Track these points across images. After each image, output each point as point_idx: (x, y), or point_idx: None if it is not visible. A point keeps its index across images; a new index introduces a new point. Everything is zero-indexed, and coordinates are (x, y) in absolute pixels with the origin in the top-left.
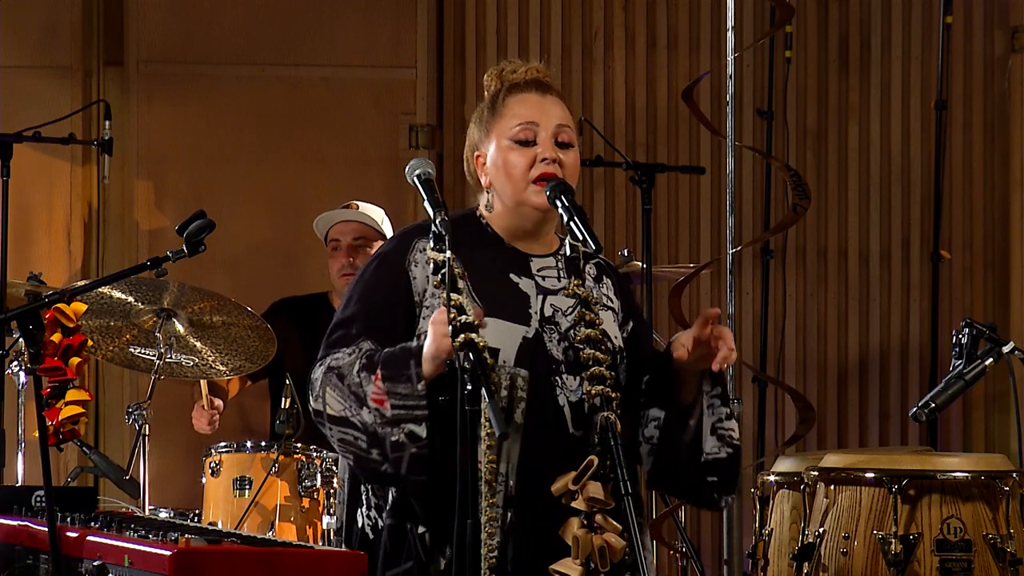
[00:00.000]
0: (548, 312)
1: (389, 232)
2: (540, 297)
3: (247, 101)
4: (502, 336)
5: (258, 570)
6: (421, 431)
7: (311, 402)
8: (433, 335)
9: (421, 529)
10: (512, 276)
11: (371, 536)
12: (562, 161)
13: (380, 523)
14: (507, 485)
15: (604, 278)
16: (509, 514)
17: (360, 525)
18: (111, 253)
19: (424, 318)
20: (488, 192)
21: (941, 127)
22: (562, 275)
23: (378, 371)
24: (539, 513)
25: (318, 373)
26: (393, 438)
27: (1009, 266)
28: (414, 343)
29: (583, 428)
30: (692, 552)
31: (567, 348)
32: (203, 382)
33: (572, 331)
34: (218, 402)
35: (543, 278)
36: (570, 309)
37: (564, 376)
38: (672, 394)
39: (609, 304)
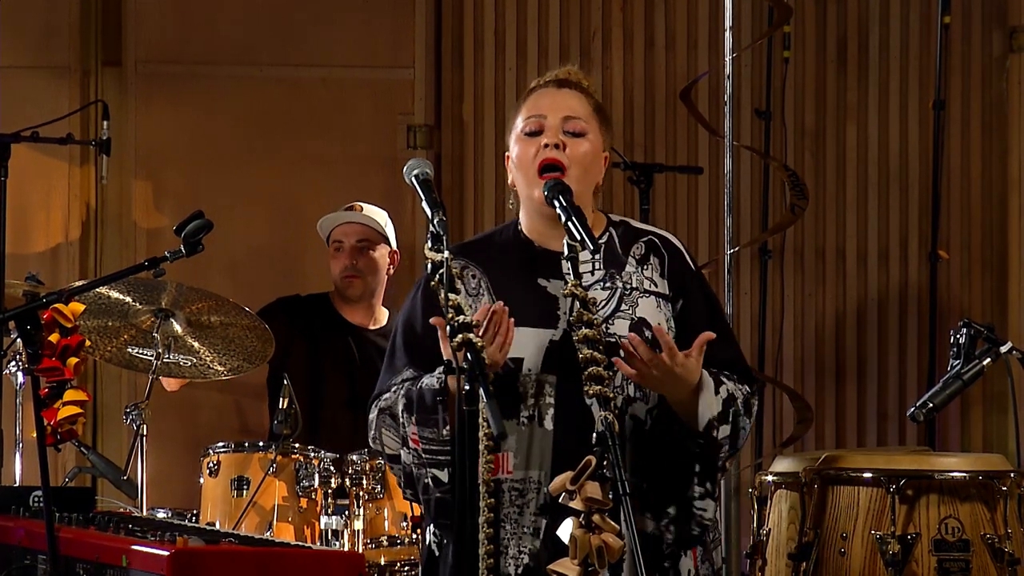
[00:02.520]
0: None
1: (392, 235)
2: (570, 297)
3: (245, 101)
4: (527, 343)
5: (256, 570)
6: (443, 476)
7: (371, 441)
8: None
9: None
10: (540, 281)
11: (436, 553)
12: (566, 145)
13: (445, 539)
14: (540, 492)
15: (651, 258)
16: (544, 521)
17: (427, 542)
18: (109, 253)
19: None
20: (512, 193)
21: (939, 127)
22: (597, 266)
23: (413, 415)
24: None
25: (373, 414)
26: (425, 480)
27: (1007, 266)
28: (436, 383)
29: None
30: None
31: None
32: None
33: (605, 324)
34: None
35: (572, 275)
36: (605, 302)
37: None
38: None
39: (651, 288)
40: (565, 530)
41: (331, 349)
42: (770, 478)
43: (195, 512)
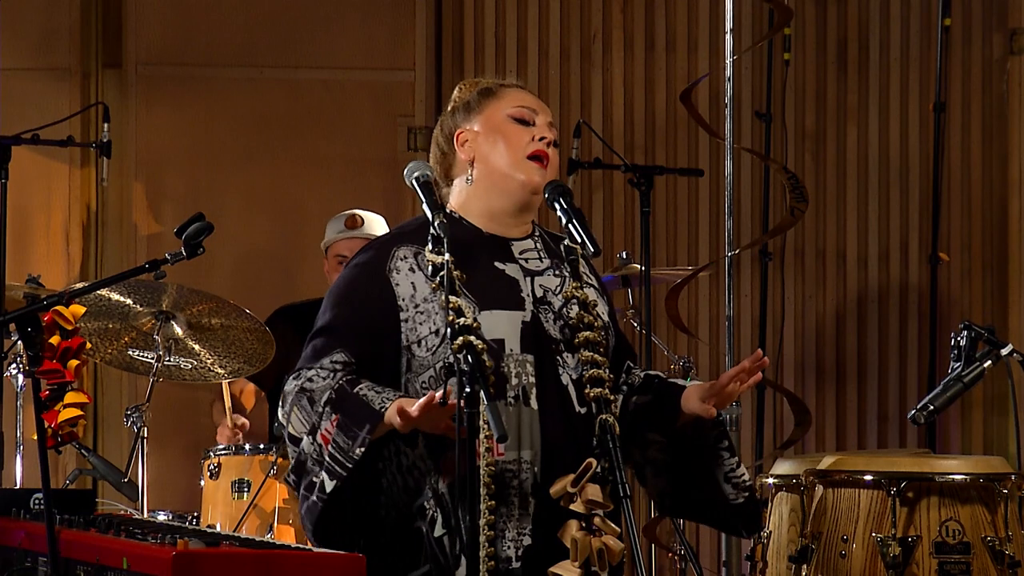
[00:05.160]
0: (539, 293)
1: None
2: (528, 279)
3: (245, 103)
4: (503, 325)
5: (257, 572)
6: (329, 486)
7: (279, 411)
8: (424, 419)
9: (439, 532)
10: (497, 264)
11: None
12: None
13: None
14: (532, 472)
15: (580, 257)
16: (535, 501)
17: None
18: (110, 255)
19: (404, 321)
20: (470, 167)
21: (939, 129)
22: (543, 255)
23: (337, 415)
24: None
25: (291, 387)
26: (313, 477)
27: (1007, 268)
28: (379, 406)
29: (587, 405)
30: (691, 554)
31: (563, 327)
32: (227, 401)
33: (565, 309)
34: (242, 420)
35: (526, 260)
36: (558, 288)
37: (564, 355)
38: (672, 424)
39: (589, 281)
40: (567, 532)
41: None
42: (770, 480)
43: (196, 514)
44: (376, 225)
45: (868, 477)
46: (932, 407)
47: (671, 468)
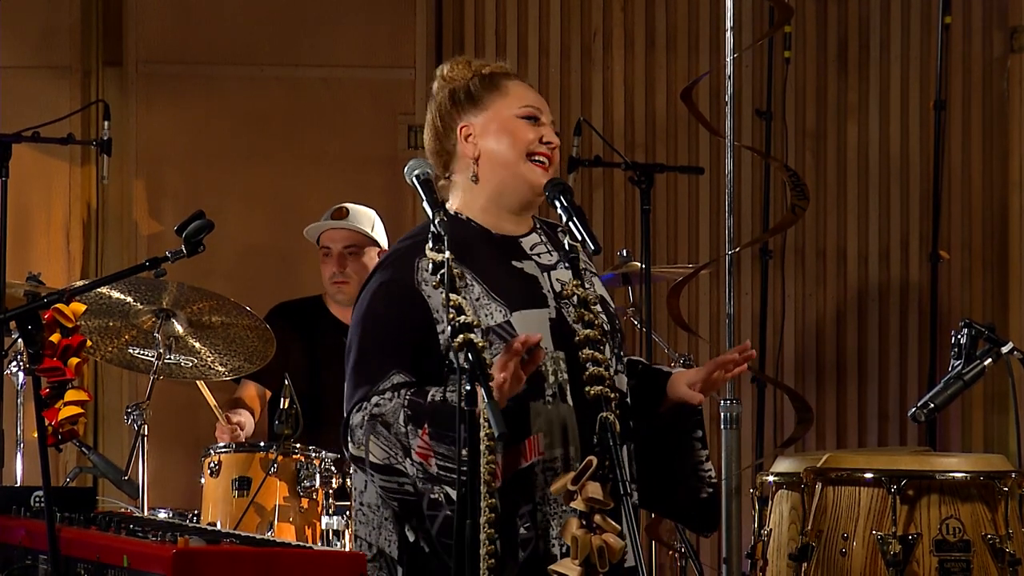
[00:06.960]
0: (557, 288)
1: (381, 235)
2: (545, 275)
3: (246, 101)
4: (534, 325)
5: (257, 570)
6: (454, 493)
7: (349, 447)
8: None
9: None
10: (515, 263)
11: (427, 550)
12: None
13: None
14: (573, 468)
15: (580, 255)
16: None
17: (413, 539)
18: (110, 253)
19: (441, 333)
20: (475, 165)
21: (940, 127)
22: (550, 247)
23: (425, 426)
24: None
25: (358, 419)
26: (432, 495)
27: (1008, 266)
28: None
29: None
30: (691, 552)
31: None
32: (210, 400)
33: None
34: (237, 418)
35: (539, 255)
36: (571, 280)
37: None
38: (654, 409)
39: (593, 269)
40: (567, 530)
41: (328, 350)
42: (771, 478)
43: (196, 512)
44: (362, 217)
45: (868, 475)
46: (932, 405)
47: (641, 455)
